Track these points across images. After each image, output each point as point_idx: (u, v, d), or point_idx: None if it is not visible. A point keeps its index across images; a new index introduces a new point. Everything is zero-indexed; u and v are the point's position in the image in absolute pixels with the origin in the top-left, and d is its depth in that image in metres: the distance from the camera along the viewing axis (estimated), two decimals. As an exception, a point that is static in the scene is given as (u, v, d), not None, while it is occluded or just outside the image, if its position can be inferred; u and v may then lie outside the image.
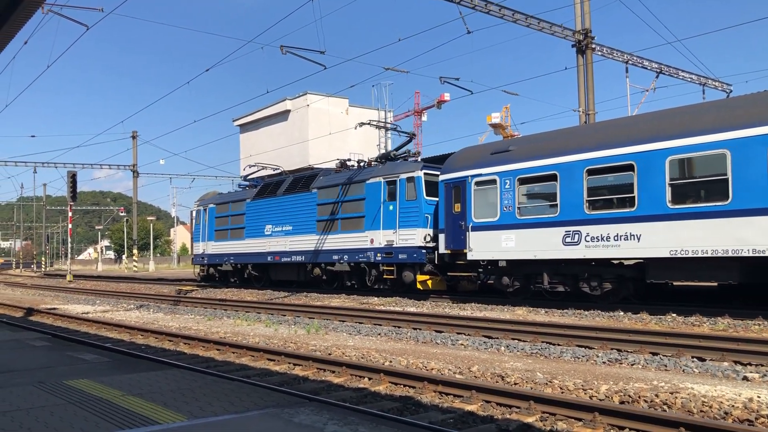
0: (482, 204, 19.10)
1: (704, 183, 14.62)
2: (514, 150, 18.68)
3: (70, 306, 24.47)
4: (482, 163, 19.33)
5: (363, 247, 23.00)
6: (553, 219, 17.12)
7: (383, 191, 22.53)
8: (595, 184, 16.44)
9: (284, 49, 21.93)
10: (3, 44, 12.25)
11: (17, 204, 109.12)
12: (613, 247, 15.80)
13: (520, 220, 18.02)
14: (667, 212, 14.92)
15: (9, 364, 8.70)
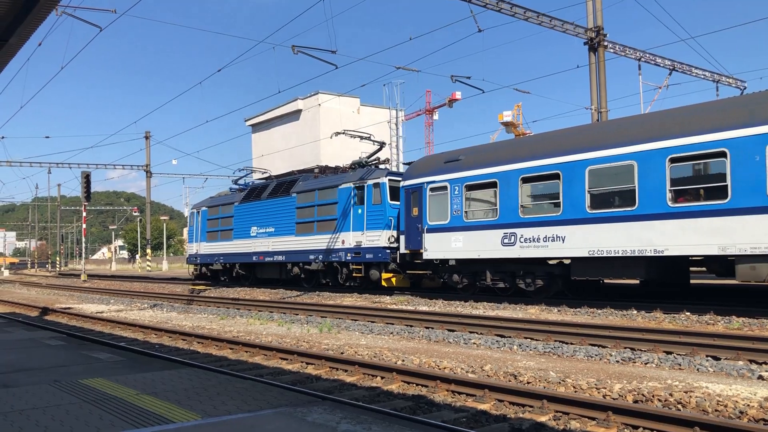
0: (436, 208, 20.90)
1: (617, 191, 16.27)
2: (463, 159, 20.43)
3: (85, 305, 24.67)
4: (436, 171, 21.18)
5: (335, 247, 24.66)
6: (493, 222, 19.02)
7: (353, 196, 24.16)
8: (528, 191, 18.33)
9: (296, 49, 21.97)
10: (18, 46, 12.35)
11: (32, 204, 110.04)
12: (542, 247, 17.66)
13: (467, 223, 19.87)
14: (586, 216, 16.70)
15: (25, 363, 8.78)
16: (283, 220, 27.82)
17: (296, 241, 26.87)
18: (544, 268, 18.33)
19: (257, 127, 47.87)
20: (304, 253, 26.32)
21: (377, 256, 22.93)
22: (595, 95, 27.21)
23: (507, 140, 22.61)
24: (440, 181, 20.83)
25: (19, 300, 27.45)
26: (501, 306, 17.60)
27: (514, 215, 18.41)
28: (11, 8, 10.79)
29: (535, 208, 18.11)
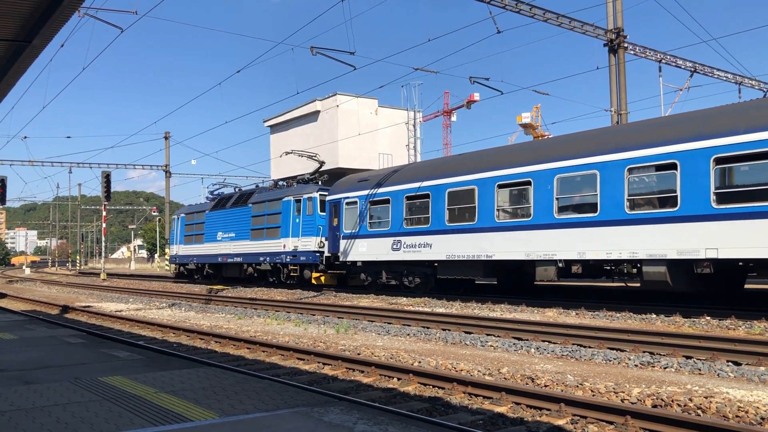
0: (349, 219, 25.34)
1: (463, 208, 20.68)
2: (369, 180, 25.33)
3: (104, 304, 24.91)
4: (351, 189, 25.76)
5: (279, 251, 28.78)
6: (386, 231, 23.65)
7: (293, 207, 28.38)
8: (409, 207, 22.89)
9: (314, 50, 22.04)
10: (41, 47, 12.50)
11: (53, 203, 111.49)
12: (417, 252, 22.13)
13: (370, 232, 24.36)
14: (446, 228, 21.11)
15: (46, 360, 8.89)
16: (241, 227, 32.12)
17: (251, 245, 31.06)
18: (420, 268, 22.69)
19: (276, 127, 48.00)
20: (256, 256, 30.52)
21: (309, 259, 27.16)
22: (614, 97, 27.00)
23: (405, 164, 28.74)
24: (353, 197, 25.40)
25: (41, 298, 27.80)
26: (518, 308, 17.53)
27: (400, 226, 22.99)
28: (35, 10, 10.94)
29: (414, 221, 22.56)
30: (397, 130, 43.00)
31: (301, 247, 27.47)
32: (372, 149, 41.93)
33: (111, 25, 19.98)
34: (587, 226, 16.88)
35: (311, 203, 27.73)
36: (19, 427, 5.18)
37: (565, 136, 20.26)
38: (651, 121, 17.58)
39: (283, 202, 28.93)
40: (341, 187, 26.51)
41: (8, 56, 13.37)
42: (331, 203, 26.51)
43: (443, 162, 23.55)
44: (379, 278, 24.29)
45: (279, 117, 47.32)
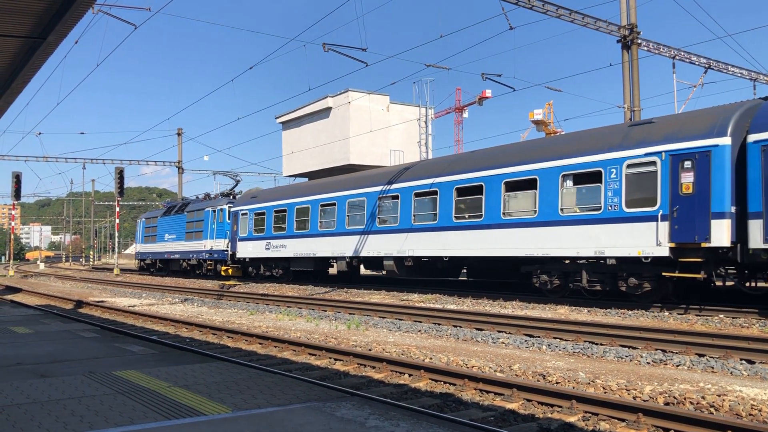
0: (243, 226, 33.61)
1: (302, 220, 28.90)
2: (257, 197, 33.92)
3: (117, 299, 25.10)
4: (246, 203, 34.10)
5: (201, 250, 37.60)
6: (262, 236, 31.92)
7: (211, 216, 36.95)
8: (276, 218, 30.93)
9: (327, 47, 22.03)
10: (56, 44, 12.59)
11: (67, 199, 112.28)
12: (278, 251, 30.63)
13: (254, 236, 32.62)
14: (293, 234, 29.54)
15: (61, 354, 8.98)
16: (179, 231, 40.93)
17: (185, 245, 39.90)
18: (282, 263, 31.05)
19: (288, 124, 48.04)
20: (188, 253, 39.50)
21: (220, 256, 36.00)
22: (628, 94, 26.83)
23: (281, 187, 37.42)
24: (245, 209, 33.63)
25: (55, 293, 28.04)
26: (530, 305, 17.49)
27: (270, 232, 31.31)
28: (49, 6, 11.01)
29: (277, 228, 30.82)
30: (409, 126, 42.93)
31: (215, 247, 36.30)
32: (383, 146, 41.89)
33: (125, 21, 20.07)
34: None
35: (222, 213, 36.41)
36: (36, 420, 5.25)
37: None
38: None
39: (205, 212, 37.53)
40: (240, 201, 35.25)
41: (23, 53, 13.47)
42: (233, 213, 34.95)
43: (293, 187, 34.09)
44: (259, 270, 33.04)
45: (291, 113, 47.37)
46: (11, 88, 16.12)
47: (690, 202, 15.13)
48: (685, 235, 15.09)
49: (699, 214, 14.89)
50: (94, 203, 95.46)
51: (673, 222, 15.34)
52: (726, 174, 14.71)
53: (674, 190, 15.43)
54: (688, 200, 15.17)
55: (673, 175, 15.49)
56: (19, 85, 15.88)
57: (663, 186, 15.59)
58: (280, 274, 31.23)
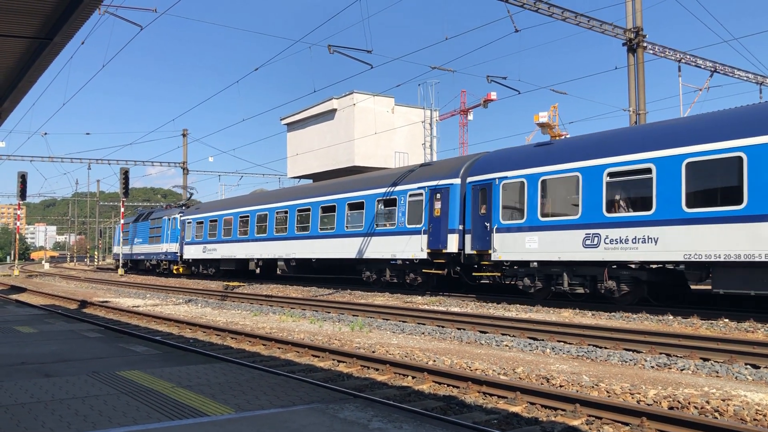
0: (189, 232, 40.83)
1: (244, 227, 34.27)
2: (199, 208, 41.33)
3: (122, 299, 25.15)
4: (190, 213, 41.53)
5: (160, 252, 44.83)
6: (200, 241, 39.12)
7: (167, 223, 43.83)
8: (210, 225, 37.94)
9: (332, 49, 22.08)
10: (63, 44, 12.63)
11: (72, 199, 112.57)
12: (212, 252, 37.66)
13: (195, 241, 39.89)
14: (236, 239, 35.31)
15: (65, 354, 9.00)
16: (145, 235, 47.78)
17: (149, 248, 46.96)
18: (213, 263, 38.44)
19: (292, 126, 48.06)
20: (150, 255, 46.75)
21: (173, 257, 42.74)
22: (633, 97, 26.80)
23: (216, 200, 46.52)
24: (190, 219, 40.95)
25: (60, 293, 28.11)
26: (534, 308, 17.47)
27: (206, 239, 38.51)
28: (56, 7, 11.05)
29: (211, 235, 37.53)
30: (414, 128, 42.90)
31: (169, 250, 43.20)
32: (388, 147, 41.88)
33: (131, 22, 20.17)
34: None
35: (174, 221, 43.00)
36: (39, 419, 5.26)
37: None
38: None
39: (163, 220, 44.62)
40: (188, 212, 42.34)
41: (30, 53, 13.52)
42: (182, 222, 41.92)
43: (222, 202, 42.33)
44: (199, 269, 40.63)
45: (296, 115, 47.41)
46: (18, 89, 16.18)
47: (438, 222, 21.85)
48: (435, 244, 21.89)
49: (442, 230, 21.68)
50: (99, 203, 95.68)
51: (429, 235, 22.17)
52: (456, 203, 21.47)
53: (431, 214, 22.25)
54: (437, 220, 21.91)
55: (430, 203, 22.36)
56: (26, 85, 15.94)
57: (425, 210, 22.47)
58: (212, 272, 38.65)
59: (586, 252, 17.07)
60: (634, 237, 16.01)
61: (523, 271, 19.13)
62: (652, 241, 15.64)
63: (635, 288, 16.59)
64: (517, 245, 19.04)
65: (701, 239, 14.68)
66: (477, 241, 20.37)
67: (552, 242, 17.99)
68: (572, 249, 17.42)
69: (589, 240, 17.03)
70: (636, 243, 15.99)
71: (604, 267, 16.84)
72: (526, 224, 18.81)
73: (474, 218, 20.50)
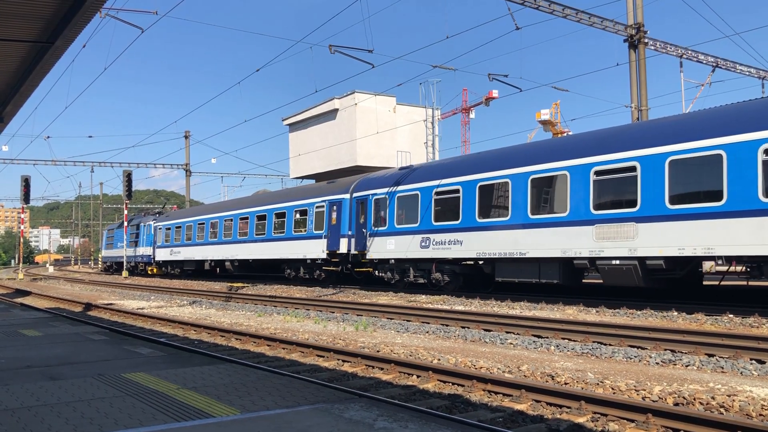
0: (160, 237, 45.84)
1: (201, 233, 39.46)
2: (169, 216, 45.93)
3: (126, 301, 25.19)
4: (162, 220, 46.48)
5: (138, 254, 49.86)
6: (169, 245, 44.20)
7: (143, 229, 48.78)
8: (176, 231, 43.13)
9: (333, 49, 22.08)
10: (64, 48, 12.67)
11: (75, 202, 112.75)
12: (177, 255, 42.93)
13: (165, 245, 45.01)
14: (184, 244, 41.78)
15: (70, 356, 9.02)
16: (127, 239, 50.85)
17: (129, 251, 50.82)
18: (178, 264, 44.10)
19: (294, 126, 48.08)
20: (130, 257, 51.00)
21: (148, 260, 48.02)
22: (635, 93, 26.75)
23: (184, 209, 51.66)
24: (161, 225, 46.00)
25: (64, 296, 28.17)
26: (538, 306, 17.45)
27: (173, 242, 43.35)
28: (57, 11, 11.08)
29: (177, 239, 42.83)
30: (416, 127, 42.89)
31: (145, 253, 48.16)
32: (390, 147, 41.85)
33: (132, 25, 20.19)
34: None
35: (149, 227, 47.84)
36: (45, 422, 5.27)
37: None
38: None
39: (140, 226, 49.52)
40: (160, 219, 47.16)
41: (32, 57, 13.56)
42: (156, 227, 46.98)
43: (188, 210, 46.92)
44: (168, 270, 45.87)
45: (298, 115, 47.42)
46: (20, 92, 16.23)
47: (334, 229, 26.97)
48: (332, 247, 26.96)
49: (337, 235, 26.76)
50: (103, 206, 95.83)
51: (328, 239, 27.26)
52: (346, 214, 26.65)
53: (329, 222, 27.35)
54: (334, 227, 27.06)
55: (329, 214, 27.48)
56: (28, 89, 15.98)
57: (326, 219, 27.61)
58: (178, 272, 44.53)
59: (423, 251, 22.60)
60: (449, 240, 21.44)
61: (386, 267, 24.71)
62: (459, 243, 20.99)
63: (454, 278, 22.13)
64: (382, 247, 24.64)
65: (488, 242, 19.98)
66: (358, 243, 25.82)
67: (403, 244, 23.61)
68: (415, 249, 23.00)
69: (424, 243, 22.55)
70: (450, 245, 21.35)
71: (433, 263, 22.34)
72: (387, 231, 24.44)
73: (356, 226, 26.06)
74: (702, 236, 14.67)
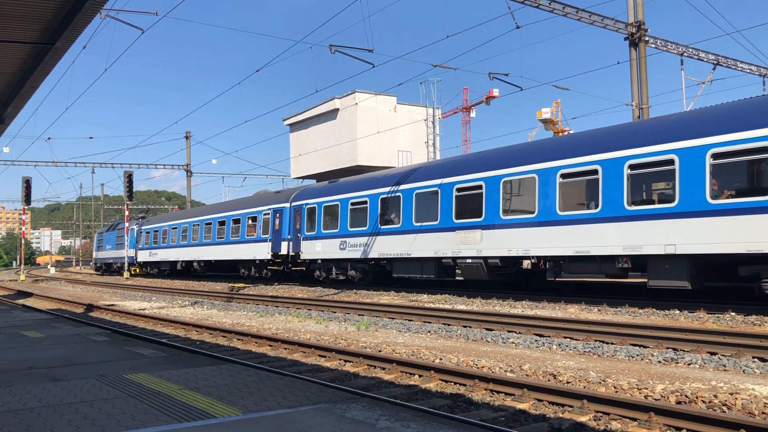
0: (143, 239, 48.86)
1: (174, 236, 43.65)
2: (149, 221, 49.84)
3: (128, 302, 25.20)
4: (145, 224, 49.46)
5: (122, 256, 51.12)
6: (148, 247, 47.73)
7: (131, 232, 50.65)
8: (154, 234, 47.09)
9: (333, 48, 22.06)
10: (64, 49, 12.67)
11: (77, 203, 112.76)
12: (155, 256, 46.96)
13: (145, 247, 48.31)
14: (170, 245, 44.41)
15: (73, 358, 9.03)
16: (113, 242, 55.86)
17: (116, 253, 54.82)
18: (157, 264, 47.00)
19: (295, 126, 48.10)
20: (116, 258, 54.77)
21: (133, 261, 50.13)
22: (636, 91, 26.73)
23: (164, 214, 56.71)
24: (143, 229, 49.07)
25: (66, 297, 28.19)
26: (540, 305, 17.45)
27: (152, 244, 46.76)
28: (57, 12, 11.08)
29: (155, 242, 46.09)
30: (416, 127, 42.91)
31: (129, 254, 50.06)
32: (391, 146, 41.86)
33: (132, 26, 20.21)
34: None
35: (132, 231, 50.59)
36: (48, 423, 5.28)
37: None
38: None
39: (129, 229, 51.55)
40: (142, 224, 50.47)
41: (32, 59, 13.56)
42: (139, 231, 50.01)
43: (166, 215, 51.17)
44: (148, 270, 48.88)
45: (298, 115, 47.44)
46: (20, 94, 16.23)
47: (278, 233, 30.87)
48: (276, 249, 30.89)
49: (280, 239, 30.64)
50: (104, 207, 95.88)
51: (272, 243, 31.12)
52: (287, 220, 30.46)
53: (273, 227, 31.20)
54: (277, 232, 30.92)
55: (273, 220, 31.28)
56: (29, 90, 15.99)
57: (271, 225, 31.39)
58: (156, 272, 48.09)
59: (341, 253, 26.77)
60: (360, 243, 25.51)
61: (316, 266, 28.81)
62: (364, 245, 25.18)
63: (365, 275, 26.22)
64: (312, 249, 28.78)
65: (387, 244, 23.99)
66: (295, 246, 29.87)
67: (327, 247, 27.71)
68: (336, 251, 27.17)
69: (342, 246, 26.65)
70: (361, 247, 25.46)
71: (349, 262, 26.57)
72: (316, 235, 28.52)
73: (294, 231, 30.11)
74: (521, 241, 18.91)
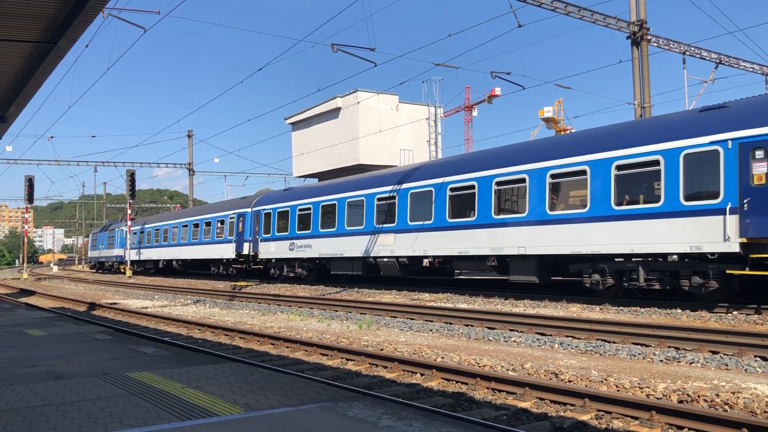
0: (135, 239, 50.72)
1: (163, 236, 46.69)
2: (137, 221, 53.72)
3: (130, 301, 25.23)
4: (138, 224, 51.83)
5: (114, 255, 55.83)
6: (135, 246, 50.57)
7: (118, 233, 54.18)
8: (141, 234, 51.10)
9: (335, 47, 22.05)
10: (67, 48, 12.69)
11: (79, 202, 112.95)
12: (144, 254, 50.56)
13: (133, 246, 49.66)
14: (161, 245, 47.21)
15: (75, 356, 9.05)
16: (106, 242, 58.80)
17: (108, 252, 57.85)
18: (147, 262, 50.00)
19: (297, 125, 48.12)
20: (109, 257, 57.76)
21: (122, 260, 51.04)
22: (638, 90, 26.69)
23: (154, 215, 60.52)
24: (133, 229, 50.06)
25: (68, 295, 28.23)
26: (541, 304, 17.45)
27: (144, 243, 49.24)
28: (60, 11, 11.10)
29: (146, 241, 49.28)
30: (418, 126, 42.91)
31: (120, 254, 53.19)
32: (393, 145, 41.86)
33: (134, 25, 20.20)
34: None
35: (122, 231, 52.58)
36: (51, 422, 5.29)
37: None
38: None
39: (116, 231, 55.41)
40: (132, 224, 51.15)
41: (35, 58, 13.58)
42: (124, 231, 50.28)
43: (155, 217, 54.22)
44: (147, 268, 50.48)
45: (300, 114, 47.45)
46: (23, 93, 16.26)
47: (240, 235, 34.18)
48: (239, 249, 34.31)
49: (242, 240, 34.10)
50: (106, 206, 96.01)
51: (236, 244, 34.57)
52: (248, 224, 33.64)
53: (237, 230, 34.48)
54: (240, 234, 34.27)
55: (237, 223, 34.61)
56: (31, 89, 16.01)
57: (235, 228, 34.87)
58: (141, 269, 51.15)
59: (290, 253, 30.07)
60: (305, 245, 28.91)
61: (271, 264, 32.23)
62: (310, 247, 28.52)
63: (310, 272, 29.47)
64: (268, 249, 31.91)
65: (325, 246, 27.51)
66: (254, 247, 32.99)
67: (280, 247, 30.90)
68: (286, 251, 30.42)
69: (291, 247, 30.00)
70: (306, 248, 28.84)
71: (296, 261, 30.01)
72: (271, 237, 31.62)
73: (253, 233, 33.17)
74: (422, 243, 22.41)
